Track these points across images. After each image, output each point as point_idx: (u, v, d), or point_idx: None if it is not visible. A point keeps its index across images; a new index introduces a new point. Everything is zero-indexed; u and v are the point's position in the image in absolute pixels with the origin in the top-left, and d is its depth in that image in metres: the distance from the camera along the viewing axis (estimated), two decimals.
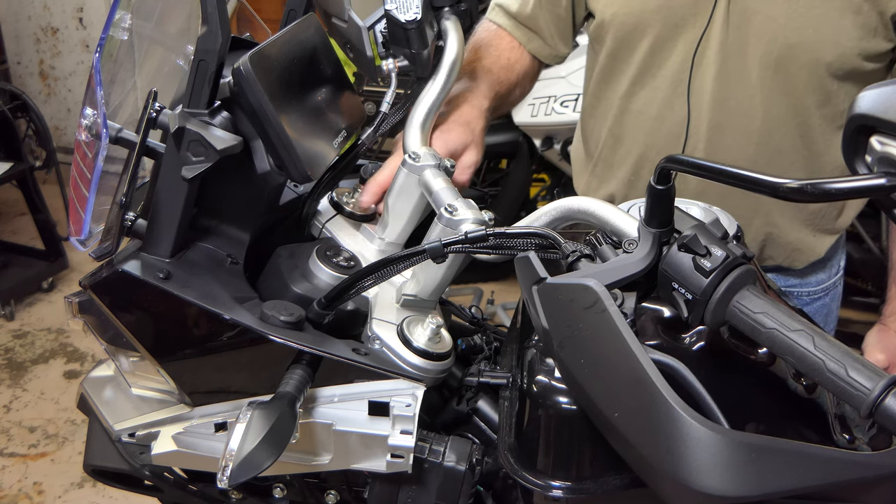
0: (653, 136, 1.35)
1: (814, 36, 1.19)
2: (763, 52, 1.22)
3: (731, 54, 1.24)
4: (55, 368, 3.16)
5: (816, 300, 1.49)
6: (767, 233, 1.37)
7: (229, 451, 0.77)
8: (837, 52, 1.20)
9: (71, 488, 2.59)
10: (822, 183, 0.61)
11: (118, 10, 0.95)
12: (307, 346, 0.88)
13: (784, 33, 1.20)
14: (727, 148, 1.30)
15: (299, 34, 1.01)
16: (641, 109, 1.35)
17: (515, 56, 1.41)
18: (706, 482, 0.63)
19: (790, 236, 1.38)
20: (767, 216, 1.35)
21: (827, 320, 1.53)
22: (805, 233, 1.39)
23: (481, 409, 1.03)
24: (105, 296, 0.93)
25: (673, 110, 1.31)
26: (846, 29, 1.18)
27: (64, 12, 4.55)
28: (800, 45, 1.20)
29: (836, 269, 1.50)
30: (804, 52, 1.21)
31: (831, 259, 1.47)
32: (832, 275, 1.49)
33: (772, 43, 1.21)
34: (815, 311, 1.49)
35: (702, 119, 1.29)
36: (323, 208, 1.12)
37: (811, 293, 1.48)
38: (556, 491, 0.85)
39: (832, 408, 0.89)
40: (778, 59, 1.22)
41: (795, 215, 1.37)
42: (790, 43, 1.20)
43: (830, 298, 1.51)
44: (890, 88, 0.59)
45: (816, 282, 1.47)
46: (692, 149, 1.31)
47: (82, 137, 0.91)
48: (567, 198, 0.93)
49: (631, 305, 0.82)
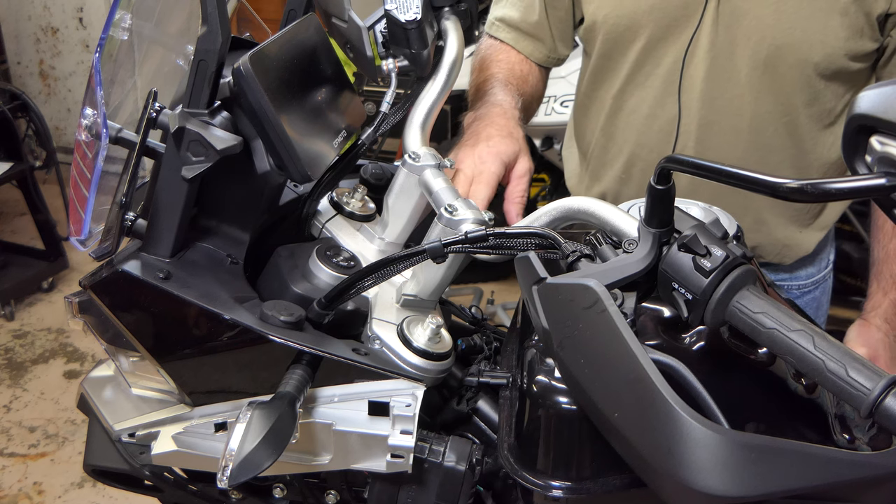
0: (644, 134, 1.37)
1: (801, 36, 1.21)
2: (752, 52, 1.24)
3: (721, 54, 1.26)
4: (55, 368, 3.16)
5: (807, 293, 1.51)
6: (757, 231, 1.39)
7: (229, 451, 0.77)
8: (825, 53, 1.22)
9: (71, 488, 2.59)
10: (822, 183, 0.61)
11: (118, 10, 0.95)
12: (307, 346, 0.88)
13: (772, 34, 1.22)
14: (717, 146, 1.31)
15: (299, 34, 1.01)
16: (633, 108, 1.37)
17: (526, 69, 1.43)
18: (706, 482, 0.63)
19: (778, 234, 1.40)
20: (757, 214, 1.37)
21: (817, 313, 1.55)
22: (792, 230, 1.41)
23: (481, 409, 1.03)
24: (105, 296, 0.93)
25: (664, 109, 1.33)
26: (833, 29, 1.20)
27: (64, 12, 4.55)
28: (788, 46, 1.22)
29: (826, 262, 1.53)
30: (792, 52, 1.22)
31: (820, 253, 1.49)
32: (821, 268, 1.51)
33: (760, 43, 1.23)
34: (806, 305, 1.51)
35: (692, 117, 1.31)
36: (323, 208, 1.12)
37: (801, 286, 1.50)
38: (556, 491, 0.85)
39: (832, 408, 0.89)
40: (767, 58, 1.24)
41: (783, 212, 1.38)
42: (778, 43, 1.22)
43: (821, 292, 1.53)
44: (890, 88, 0.59)
45: (806, 275, 1.49)
46: (682, 147, 1.32)
47: (82, 137, 0.91)
48: (567, 198, 0.93)
49: (631, 305, 0.82)
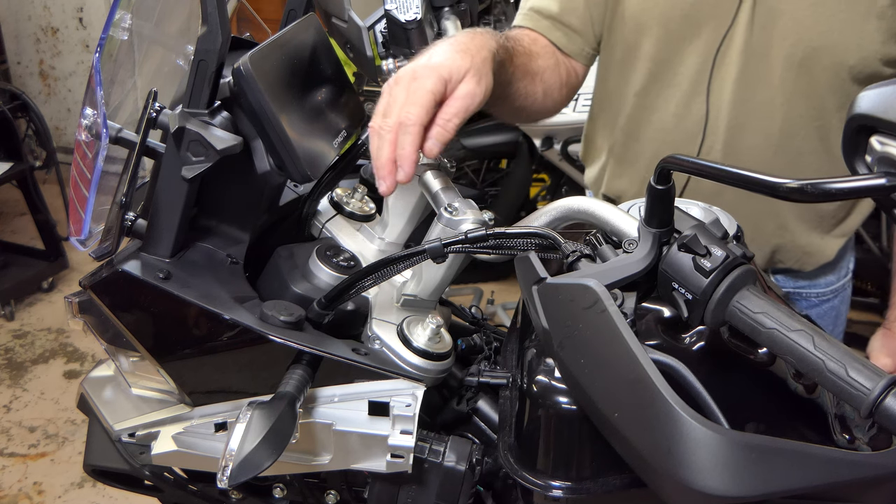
0: (669, 134, 1.33)
1: (838, 39, 1.19)
2: (787, 54, 1.22)
3: (755, 54, 1.23)
4: (55, 368, 3.16)
5: (825, 302, 1.48)
6: (780, 236, 1.36)
7: (229, 451, 0.77)
8: (860, 56, 1.20)
9: (71, 488, 2.59)
10: (822, 183, 0.61)
11: (118, 10, 0.95)
12: (307, 346, 0.88)
13: (809, 35, 1.20)
14: (746, 149, 1.29)
15: (299, 34, 1.01)
16: (658, 107, 1.33)
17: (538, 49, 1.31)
18: (706, 482, 0.63)
19: (801, 240, 1.37)
20: (780, 219, 1.34)
21: (836, 322, 1.52)
22: (814, 236, 1.38)
23: (481, 409, 1.03)
24: (105, 296, 0.93)
25: (691, 109, 1.30)
26: (870, 33, 1.18)
27: (64, 12, 4.56)
28: (824, 48, 1.20)
29: (846, 271, 1.50)
30: (827, 55, 1.20)
31: (840, 261, 1.47)
32: (841, 276, 1.49)
33: (797, 44, 1.21)
34: (825, 313, 1.49)
35: (721, 119, 1.28)
36: (323, 208, 1.12)
37: (820, 295, 1.47)
38: (556, 491, 0.85)
39: (832, 408, 0.89)
40: (802, 60, 1.21)
41: (806, 218, 1.36)
42: (815, 45, 1.20)
43: (840, 301, 1.51)
44: (890, 88, 0.59)
45: (825, 283, 1.47)
46: (709, 149, 1.29)
47: (82, 137, 0.91)
48: (567, 198, 0.93)
49: (631, 305, 0.82)
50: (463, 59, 0.94)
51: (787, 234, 1.36)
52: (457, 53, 0.94)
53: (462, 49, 0.95)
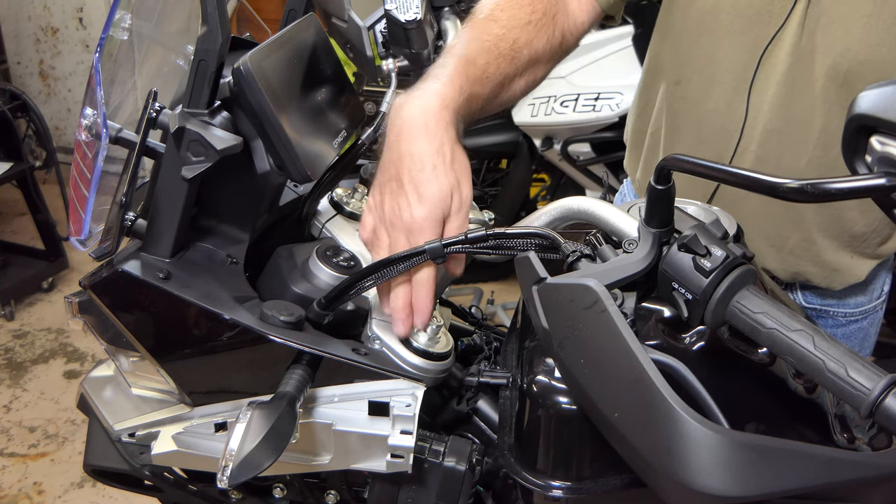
0: (704, 130, 1.28)
1: (887, 55, 1.13)
2: (833, 63, 1.16)
3: (801, 59, 1.18)
4: (55, 368, 3.16)
5: (853, 322, 1.41)
6: (805, 250, 1.30)
7: (229, 451, 0.77)
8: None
9: (71, 488, 2.59)
10: (822, 183, 0.61)
11: (118, 10, 0.95)
12: (307, 346, 0.88)
13: (857, 48, 1.14)
14: (779, 155, 1.23)
15: (299, 34, 1.01)
16: (697, 100, 1.28)
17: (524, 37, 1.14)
18: (706, 482, 0.63)
19: (828, 256, 1.30)
20: (806, 233, 1.28)
21: (863, 344, 1.45)
22: (843, 255, 1.31)
23: (481, 409, 1.03)
24: (105, 296, 0.93)
25: (730, 108, 1.24)
26: None
27: (64, 12, 4.56)
28: (871, 63, 1.14)
29: (879, 293, 1.42)
30: (873, 70, 1.14)
31: (872, 282, 1.39)
32: (873, 298, 1.41)
33: (844, 55, 1.15)
34: (851, 334, 1.42)
35: (758, 121, 1.22)
36: (323, 208, 1.12)
37: (848, 315, 1.40)
38: (556, 491, 0.85)
39: (832, 408, 0.89)
40: (847, 73, 1.15)
41: (835, 235, 1.29)
42: (862, 59, 1.14)
43: (869, 323, 1.43)
44: (890, 88, 0.59)
45: (855, 304, 1.39)
46: (742, 150, 1.24)
47: (82, 137, 0.91)
48: (567, 198, 0.93)
49: (631, 305, 0.82)
50: (447, 176, 0.90)
51: (812, 249, 1.30)
52: (441, 168, 0.90)
53: (444, 166, 0.90)
